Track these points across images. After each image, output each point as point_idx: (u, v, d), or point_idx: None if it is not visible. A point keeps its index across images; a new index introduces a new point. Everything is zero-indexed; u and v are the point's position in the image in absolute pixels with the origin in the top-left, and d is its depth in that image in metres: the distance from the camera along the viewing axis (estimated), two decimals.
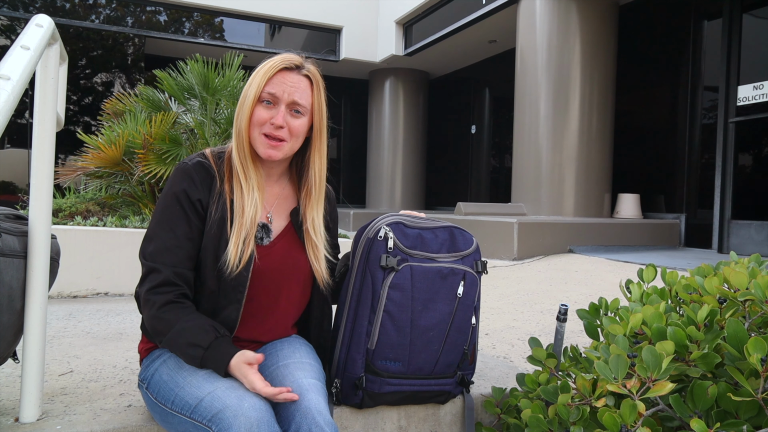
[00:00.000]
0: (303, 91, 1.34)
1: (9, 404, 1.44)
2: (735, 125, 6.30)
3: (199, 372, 1.21)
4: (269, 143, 1.32)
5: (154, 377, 1.27)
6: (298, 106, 1.33)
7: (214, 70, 4.72)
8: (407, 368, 1.46)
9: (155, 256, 1.26)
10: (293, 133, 1.34)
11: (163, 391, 1.23)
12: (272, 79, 1.32)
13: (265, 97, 1.32)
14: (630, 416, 1.09)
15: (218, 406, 1.10)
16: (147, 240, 1.29)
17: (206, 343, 1.20)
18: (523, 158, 7.01)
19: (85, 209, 4.44)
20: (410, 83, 11.48)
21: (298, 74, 1.35)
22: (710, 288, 1.28)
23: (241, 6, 9.78)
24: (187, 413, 1.15)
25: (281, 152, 1.33)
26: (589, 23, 6.77)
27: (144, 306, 1.25)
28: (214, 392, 1.14)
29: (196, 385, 1.17)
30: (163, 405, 1.22)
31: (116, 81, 9.71)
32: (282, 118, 1.31)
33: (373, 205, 11.73)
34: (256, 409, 1.09)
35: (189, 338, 1.20)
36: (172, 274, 1.25)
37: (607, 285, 4.30)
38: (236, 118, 1.35)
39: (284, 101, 1.32)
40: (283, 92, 1.32)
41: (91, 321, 2.75)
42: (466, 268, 1.49)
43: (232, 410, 1.08)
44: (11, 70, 1.08)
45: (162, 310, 1.22)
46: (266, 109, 1.32)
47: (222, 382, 1.17)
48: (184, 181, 1.30)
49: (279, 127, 1.31)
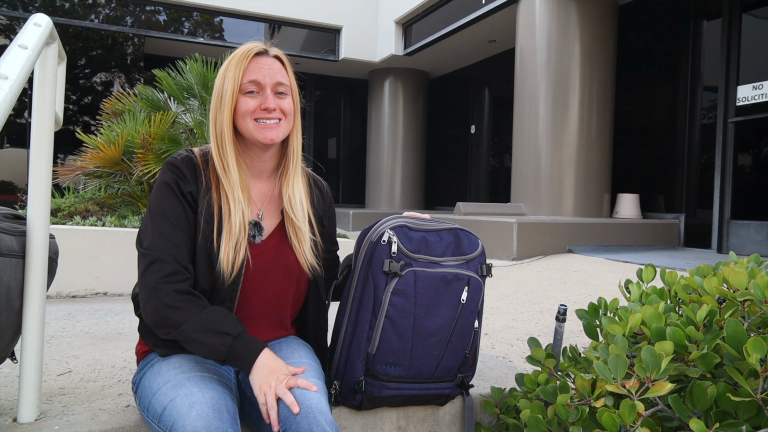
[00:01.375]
0: (281, 72, 1.35)
1: (7, 404, 1.44)
2: (734, 125, 6.30)
3: (172, 379, 1.18)
4: (266, 126, 1.31)
5: (142, 381, 1.27)
6: (282, 86, 1.34)
7: (214, 70, 4.72)
8: (407, 372, 1.44)
9: (156, 246, 1.23)
10: (285, 113, 1.34)
11: (143, 398, 1.23)
12: (248, 68, 1.31)
13: (247, 86, 1.31)
14: (629, 416, 1.09)
15: (174, 416, 1.09)
16: (144, 231, 1.26)
17: (236, 332, 1.19)
18: (523, 158, 7.01)
19: (84, 209, 4.44)
20: (410, 83, 11.47)
21: (269, 57, 1.35)
22: (709, 288, 1.28)
23: (241, 6, 9.77)
24: (156, 421, 1.15)
25: (280, 132, 1.33)
26: (589, 23, 6.76)
27: (152, 296, 1.20)
28: (174, 400, 1.12)
29: (164, 393, 1.16)
30: (142, 411, 1.22)
31: (115, 80, 9.70)
32: (272, 101, 1.31)
33: (373, 205, 11.73)
34: (202, 417, 1.06)
35: (216, 326, 1.18)
36: (177, 262, 1.23)
37: (607, 285, 4.30)
38: (214, 118, 1.33)
39: (268, 85, 1.32)
40: (265, 76, 1.31)
41: (89, 321, 2.75)
42: (470, 273, 1.46)
43: (182, 420, 1.06)
44: (9, 69, 1.08)
45: (178, 299, 1.19)
46: (251, 98, 1.31)
47: (184, 389, 1.14)
48: (173, 173, 1.29)
49: (272, 110, 1.31)
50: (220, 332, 1.18)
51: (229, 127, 1.31)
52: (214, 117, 1.33)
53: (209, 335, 1.17)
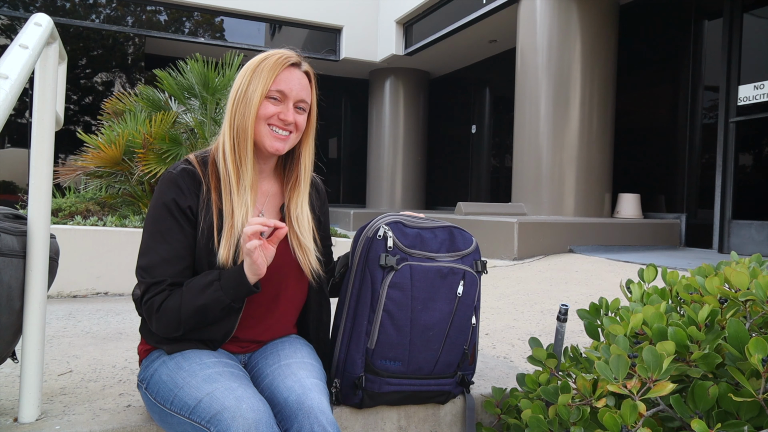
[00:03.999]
0: (307, 89, 1.38)
1: (8, 404, 1.44)
2: (735, 125, 6.29)
3: (199, 373, 1.20)
4: (276, 136, 1.34)
5: (154, 377, 1.26)
6: (304, 103, 1.37)
7: (214, 70, 4.72)
8: (407, 368, 1.45)
9: (153, 270, 1.26)
10: (298, 129, 1.37)
11: (162, 392, 1.22)
12: (279, 76, 1.33)
13: (274, 94, 1.33)
14: (630, 417, 1.08)
15: (217, 407, 1.10)
16: (142, 255, 1.29)
17: (216, 275, 1.24)
18: (524, 158, 7.00)
19: (85, 209, 4.44)
20: (410, 83, 11.47)
21: (300, 71, 1.37)
22: (711, 288, 1.28)
23: (241, 5, 9.77)
24: (186, 414, 1.15)
25: (287, 145, 1.37)
26: (590, 23, 6.76)
27: (147, 313, 1.26)
28: (213, 393, 1.13)
29: (195, 386, 1.17)
30: (162, 405, 1.21)
31: (116, 80, 9.71)
32: (292, 115, 1.34)
33: (373, 205, 11.72)
34: (253, 410, 1.09)
35: (198, 287, 1.23)
36: (171, 283, 1.26)
37: (608, 285, 4.30)
38: (235, 115, 1.33)
39: (292, 99, 1.34)
40: (291, 90, 1.34)
41: (90, 321, 2.75)
42: (465, 267, 1.49)
43: (231, 411, 1.08)
44: (9, 68, 1.08)
45: (163, 304, 1.24)
46: (273, 104, 1.33)
47: (220, 384, 1.16)
48: (171, 190, 1.30)
49: (288, 123, 1.34)
50: (206, 285, 1.23)
51: (252, 127, 1.32)
52: (233, 114, 1.34)
53: (202, 296, 1.22)
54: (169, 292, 1.25)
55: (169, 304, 1.23)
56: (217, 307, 1.23)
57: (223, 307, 1.23)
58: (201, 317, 1.23)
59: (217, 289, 1.22)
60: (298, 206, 1.42)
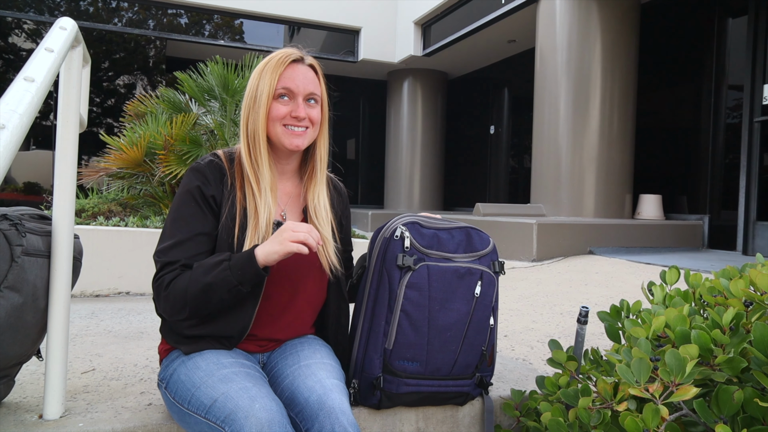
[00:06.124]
0: (314, 82, 1.39)
1: (33, 401, 1.46)
2: (760, 124, 6.17)
3: (215, 373, 1.21)
4: (293, 133, 1.35)
5: (173, 377, 1.28)
6: (314, 96, 1.38)
7: (234, 72, 4.76)
8: (425, 368, 1.45)
9: (169, 251, 1.28)
10: (314, 122, 1.39)
11: (180, 391, 1.24)
12: (284, 75, 1.34)
13: (281, 92, 1.34)
14: (653, 421, 1.07)
15: (230, 407, 1.11)
16: (162, 239, 1.31)
17: (227, 256, 1.25)
18: (543, 158, 6.94)
19: (108, 209, 4.51)
20: (429, 84, 11.45)
21: (304, 66, 1.38)
22: (736, 290, 1.26)
23: (261, 8, 9.84)
24: (203, 413, 1.16)
25: (306, 140, 1.38)
26: (610, 22, 6.68)
27: (156, 292, 1.28)
28: (227, 393, 1.15)
29: (212, 386, 1.18)
30: (180, 405, 1.23)
31: (138, 83, 9.84)
32: (303, 110, 1.35)
33: (391, 205, 11.72)
34: (266, 410, 1.10)
35: (207, 265, 1.23)
36: (184, 264, 1.28)
37: (629, 287, 4.24)
38: (247, 120, 1.36)
39: (301, 94, 1.36)
40: (298, 86, 1.35)
41: (112, 320, 2.79)
42: (483, 267, 1.48)
43: (244, 411, 1.09)
44: (36, 72, 1.10)
45: (172, 282, 1.25)
46: (283, 104, 1.35)
47: (235, 384, 1.17)
48: (197, 179, 1.32)
49: (302, 119, 1.35)
50: (215, 264, 1.23)
51: (263, 129, 1.34)
52: (246, 118, 1.36)
53: (209, 275, 1.22)
54: (181, 271, 1.26)
55: (178, 282, 1.24)
56: (224, 288, 1.21)
57: (230, 289, 1.22)
58: (206, 297, 1.22)
59: (225, 268, 1.22)
60: (315, 196, 1.43)
